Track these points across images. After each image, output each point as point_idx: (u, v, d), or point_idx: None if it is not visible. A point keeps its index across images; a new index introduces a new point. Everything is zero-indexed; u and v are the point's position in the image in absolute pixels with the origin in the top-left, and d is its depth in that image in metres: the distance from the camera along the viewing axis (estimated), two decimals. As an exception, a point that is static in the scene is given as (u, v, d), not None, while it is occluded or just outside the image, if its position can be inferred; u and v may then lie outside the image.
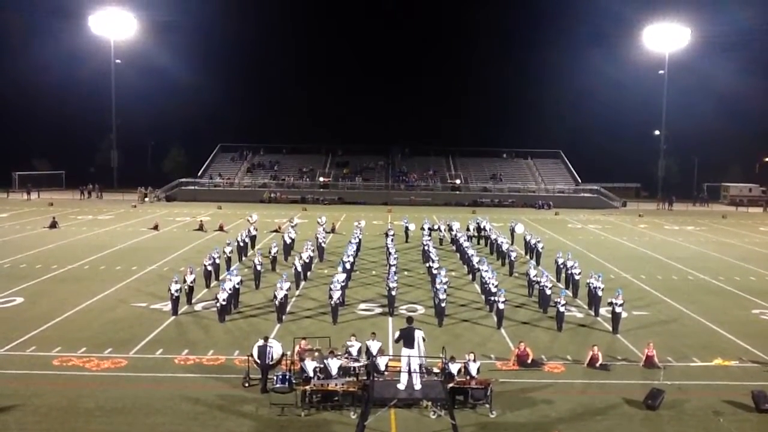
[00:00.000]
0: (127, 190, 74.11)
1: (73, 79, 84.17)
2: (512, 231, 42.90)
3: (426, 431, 15.02)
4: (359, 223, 41.42)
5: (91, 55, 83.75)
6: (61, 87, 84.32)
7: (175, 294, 23.92)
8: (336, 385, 16.23)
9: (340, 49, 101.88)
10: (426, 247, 34.41)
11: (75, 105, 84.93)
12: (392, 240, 36.13)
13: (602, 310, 24.96)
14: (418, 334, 15.08)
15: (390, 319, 24.18)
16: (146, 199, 70.62)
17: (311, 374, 16.60)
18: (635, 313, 25.74)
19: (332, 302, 23.74)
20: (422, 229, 39.98)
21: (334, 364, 16.83)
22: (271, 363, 17.38)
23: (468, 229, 43.23)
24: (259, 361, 17.35)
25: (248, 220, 45.34)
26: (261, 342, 17.61)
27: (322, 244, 36.38)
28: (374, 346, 18.21)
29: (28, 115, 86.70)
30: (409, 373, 14.75)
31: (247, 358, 17.87)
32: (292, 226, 41.99)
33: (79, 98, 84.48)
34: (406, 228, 43.33)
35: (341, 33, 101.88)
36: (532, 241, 36.80)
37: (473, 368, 17.11)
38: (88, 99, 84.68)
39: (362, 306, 26.13)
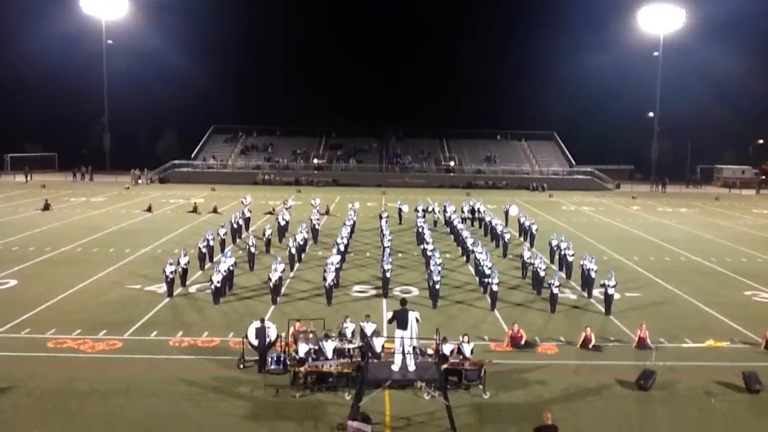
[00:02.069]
0: (120, 173, 73.77)
1: (64, 60, 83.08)
2: (506, 213, 42.97)
3: (420, 412, 15.11)
4: (353, 205, 41.39)
5: (82, 36, 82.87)
6: (52, 69, 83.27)
7: (170, 276, 23.92)
8: (330, 366, 16.30)
9: (335, 30, 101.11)
10: (420, 229, 34.44)
11: (66, 87, 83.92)
12: (386, 222, 36.10)
13: (595, 292, 25.07)
14: (412, 316, 15.11)
15: (384, 300, 24.24)
16: (139, 181, 70.32)
17: (303, 357, 16.65)
18: (628, 294, 25.88)
19: (326, 284, 23.79)
20: (416, 210, 39.95)
21: (329, 346, 16.90)
22: (267, 344, 17.43)
23: (462, 211, 43.22)
24: (255, 343, 17.40)
25: (242, 202, 45.19)
26: (258, 323, 17.64)
27: (316, 226, 36.35)
28: (369, 327, 18.29)
29: (19, 98, 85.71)
30: (403, 354, 14.82)
31: (242, 339, 17.90)
32: (287, 208, 41.93)
33: (71, 80, 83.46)
34: (400, 210, 43.32)
35: (336, 15, 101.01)
36: (526, 223, 36.88)
37: (467, 349, 17.20)
38: (79, 81, 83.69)
39: (357, 288, 26.19)
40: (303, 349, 16.83)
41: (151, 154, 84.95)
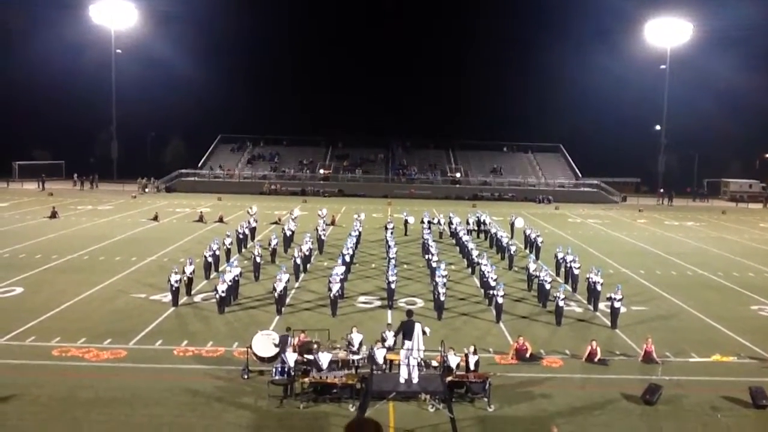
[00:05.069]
0: (127, 181, 74.07)
1: (73, 69, 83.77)
2: (512, 225, 42.87)
3: (424, 424, 15.06)
4: (359, 216, 41.42)
5: (91, 45, 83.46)
6: (62, 77, 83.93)
7: (175, 285, 23.95)
8: (335, 377, 16.25)
9: (341, 41, 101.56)
10: (425, 241, 34.41)
11: (75, 95, 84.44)
12: (392, 233, 36.12)
13: (601, 305, 24.99)
14: (418, 327, 15.12)
15: (389, 312, 24.21)
16: (146, 190, 70.55)
17: (291, 365, 16.51)
18: (634, 308, 25.77)
19: (331, 295, 23.78)
20: (422, 222, 39.96)
21: (324, 358, 16.70)
22: (272, 355, 17.41)
23: (468, 223, 43.19)
24: (260, 354, 17.40)
25: (248, 212, 45.31)
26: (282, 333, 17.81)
27: (322, 237, 36.37)
28: (390, 336, 18.28)
29: (28, 106, 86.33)
30: (408, 365, 14.79)
31: (246, 349, 17.90)
32: (293, 219, 41.99)
33: (79, 88, 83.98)
34: (406, 221, 43.31)
35: (342, 25, 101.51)
36: (532, 236, 36.81)
37: (472, 361, 17.15)
38: (88, 89, 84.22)
39: (361, 299, 26.17)
40: (291, 357, 16.73)
41: (158, 163, 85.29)
